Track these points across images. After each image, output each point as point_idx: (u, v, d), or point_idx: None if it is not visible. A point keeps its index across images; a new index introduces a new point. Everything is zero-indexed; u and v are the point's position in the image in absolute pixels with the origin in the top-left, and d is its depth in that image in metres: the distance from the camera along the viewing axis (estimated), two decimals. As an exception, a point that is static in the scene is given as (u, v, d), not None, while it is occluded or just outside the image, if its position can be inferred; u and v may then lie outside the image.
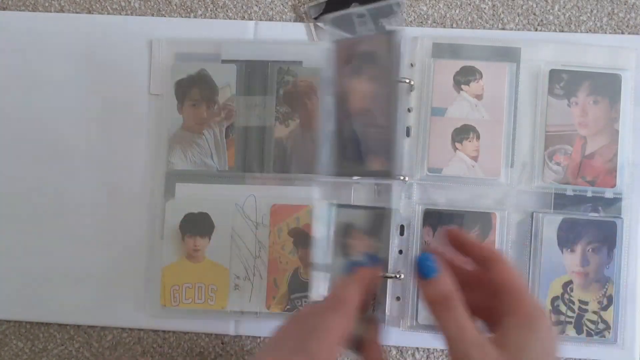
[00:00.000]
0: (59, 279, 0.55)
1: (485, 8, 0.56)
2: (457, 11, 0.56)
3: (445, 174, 0.52)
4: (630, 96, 0.52)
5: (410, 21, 0.56)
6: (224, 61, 0.54)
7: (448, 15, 0.56)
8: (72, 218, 0.56)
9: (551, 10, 0.56)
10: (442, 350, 0.55)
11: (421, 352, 0.55)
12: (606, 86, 0.51)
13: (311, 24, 0.56)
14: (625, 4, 0.55)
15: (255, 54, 0.54)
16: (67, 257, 0.55)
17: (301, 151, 0.54)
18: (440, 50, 0.53)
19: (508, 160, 0.52)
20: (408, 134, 0.53)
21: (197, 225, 0.53)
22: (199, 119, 0.54)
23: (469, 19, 0.56)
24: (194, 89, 0.54)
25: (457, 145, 0.52)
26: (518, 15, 0.56)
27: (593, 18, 0.55)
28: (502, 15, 0.56)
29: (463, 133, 0.52)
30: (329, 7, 0.56)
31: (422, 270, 0.37)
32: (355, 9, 0.55)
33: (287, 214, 0.54)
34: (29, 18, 0.57)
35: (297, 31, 0.56)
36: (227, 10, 0.57)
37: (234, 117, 0.54)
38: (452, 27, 0.56)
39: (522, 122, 0.52)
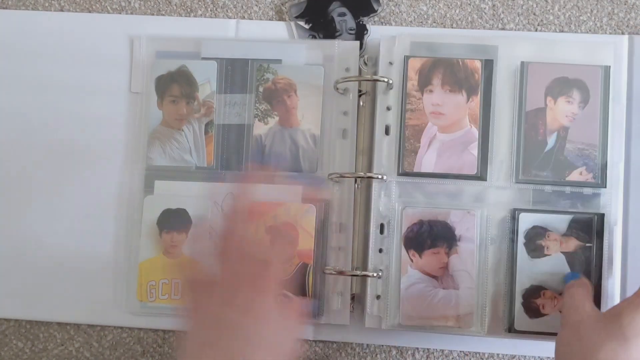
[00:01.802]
0: (35, 273, 0.56)
1: (485, 8, 0.56)
2: (457, 11, 0.56)
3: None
4: (612, 92, 0.52)
5: (411, 21, 0.56)
6: (204, 59, 0.55)
7: (448, 15, 0.56)
8: (51, 214, 0.56)
9: (551, 10, 0.56)
10: (442, 350, 0.54)
11: (421, 352, 0.54)
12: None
13: (292, 23, 0.56)
14: (625, 4, 0.55)
15: (235, 52, 0.55)
16: (45, 253, 0.56)
17: (280, 149, 0.54)
18: (418, 49, 0.53)
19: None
20: (387, 133, 0.53)
21: (174, 221, 0.54)
22: (179, 115, 0.54)
23: (469, 19, 0.56)
24: (174, 85, 0.55)
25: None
26: (518, 15, 0.56)
27: (593, 18, 0.55)
28: (502, 15, 0.56)
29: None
30: (310, 6, 0.56)
31: (569, 277, 0.49)
32: (336, 8, 0.56)
33: (265, 212, 0.54)
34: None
35: (277, 30, 0.56)
36: (224, 9, 0.57)
37: (213, 114, 0.54)
38: (452, 27, 0.56)
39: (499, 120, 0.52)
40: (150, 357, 0.55)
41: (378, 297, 0.52)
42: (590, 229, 0.50)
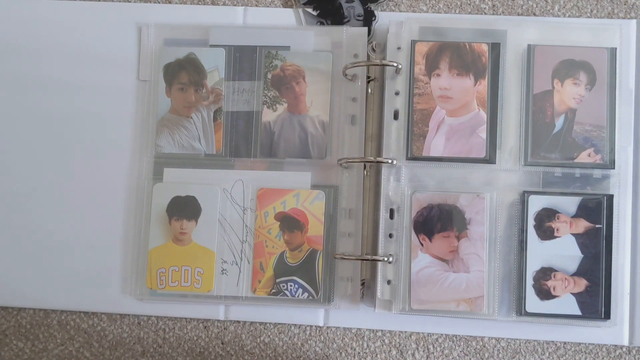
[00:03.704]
0: (45, 261, 0.56)
1: (485, 8, 0.56)
2: (457, 11, 0.56)
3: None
4: (620, 75, 0.52)
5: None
6: (212, 46, 0.55)
7: (448, 16, 0.56)
8: (60, 202, 0.56)
9: (551, 10, 0.56)
10: (442, 350, 0.54)
11: (421, 352, 0.54)
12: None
13: (300, 10, 0.56)
14: (625, 4, 0.56)
15: (243, 39, 0.55)
16: (56, 241, 0.56)
17: (289, 135, 0.54)
18: (426, 33, 0.53)
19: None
20: (396, 118, 0.53)
21: (184, 209, 0.54)
22: (187, 102, 0.54)
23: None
24: (182, 73, 0.55)
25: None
26: (518, 15, 0.56)
27: (592, 18, 0.56)
28: (502, 15, 0.56)
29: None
30: (317, -7, 0.56)
31: None
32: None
33: (274, 198, 0.54)
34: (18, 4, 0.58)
35: (285, 16, 0.57)
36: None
37: (221, 101, 0.54)
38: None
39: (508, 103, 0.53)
40: (150, 357, 0.55)
41: (389, 282, 0.52)
42: (599, 210, 0.51)
